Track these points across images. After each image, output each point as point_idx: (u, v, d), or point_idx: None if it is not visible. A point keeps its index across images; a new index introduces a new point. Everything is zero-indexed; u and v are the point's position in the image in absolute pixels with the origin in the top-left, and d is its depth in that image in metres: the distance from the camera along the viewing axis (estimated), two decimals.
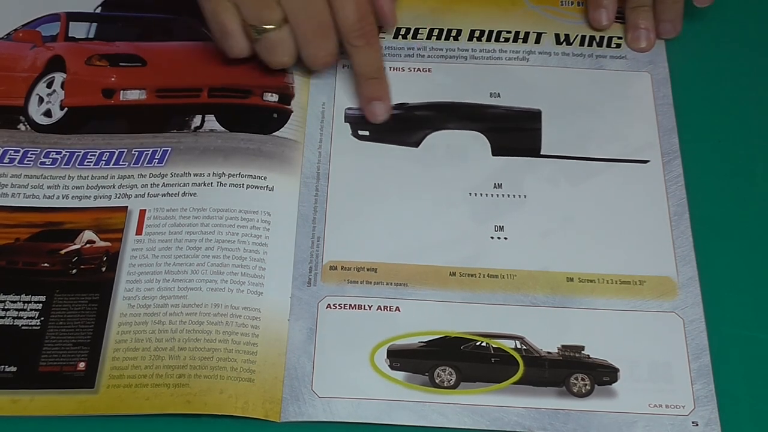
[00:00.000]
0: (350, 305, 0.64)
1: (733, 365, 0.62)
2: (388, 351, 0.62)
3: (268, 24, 0.67)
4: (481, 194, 0.68)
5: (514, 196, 0.68)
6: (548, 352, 0.62)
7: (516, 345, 0.62)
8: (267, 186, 0.68)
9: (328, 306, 0.64)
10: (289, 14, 0.67)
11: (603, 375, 0.61)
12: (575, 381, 0.61)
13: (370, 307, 0.64)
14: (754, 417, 0.60)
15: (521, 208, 0.68)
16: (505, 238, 0.66)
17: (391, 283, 0.64)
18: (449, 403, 0.60)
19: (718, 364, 0.61)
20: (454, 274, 0.65)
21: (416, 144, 0.71)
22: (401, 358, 0.62)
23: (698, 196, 0.68)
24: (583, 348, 0.62)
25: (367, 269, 0.65)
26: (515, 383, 0.61)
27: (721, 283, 0.65)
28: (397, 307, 0.63)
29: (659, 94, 0.74)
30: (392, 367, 0.61)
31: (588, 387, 0.61)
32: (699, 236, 0.66)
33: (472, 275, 0.65)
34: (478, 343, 0.62)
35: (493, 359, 0.62)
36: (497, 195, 0.68)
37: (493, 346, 0.62)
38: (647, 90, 0.74)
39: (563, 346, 0.62)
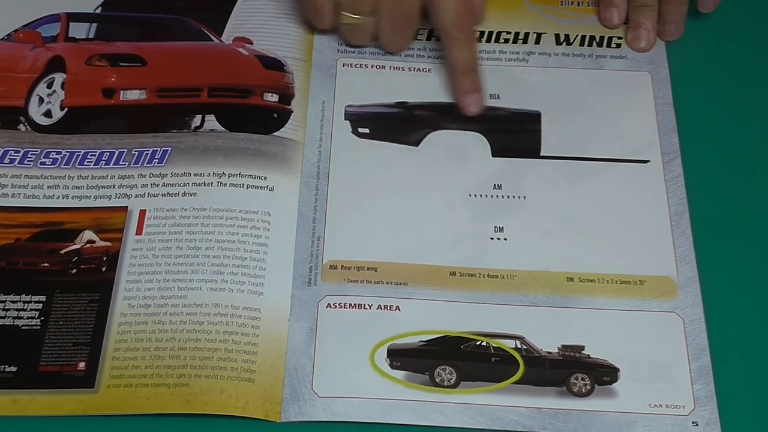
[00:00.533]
0: (350, 305, 0.64)
1: (733, 365, 0.62)
2: (389, 350, 0.62)
3: (360, 14, 0.71)
4: (480, 195, 0.68)
5: (513, 197, 0.68)
6: (548, 352, 0.62)
7: (516, 345, 0.62)
8: (267, 186, 0.68)
9: (329, 306, 0.64)
10: (381, 6, 0.70)
11: (603, 375, 0.61)
12: (575, 381, 0.61)
13: (370, 307, 0.64)
14: (754, 417, 0.60)
15: (521, 208, 0.68)
16: (505, 239, 0.66)
17: (392, 283, 0.64)
18: (449, 403, 0.60)
19: (718, 364, 0.61)
20: (454, 273, 0.65)
21: (416, 143, 0.71)
22: (401, 357, 0.61)
23: (698, 196, 0.68)
24: (583, 348, 0.62)
25: (368, 269, 0.65)
26: (515, 383, 0.61)
27: (721, 283, 0.65)
28: (398, 306, 0.63)
29: (659, 94, 0.74)
30: (392, 367, 0.61)
31: (588, 387, 0.61)
32: (699, 236, 0.66)
33: (472, 275, 0.65)
34: (478, 343, 0.62)
35: (493, 359, 0.61)
36: (497, 196, 0.68)
37: (493, 345, 0.62)
38: (647, 90, 0.74)
39: (563, 345, 0.62)
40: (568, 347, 0.62)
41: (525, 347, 0.62)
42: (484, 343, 0.62)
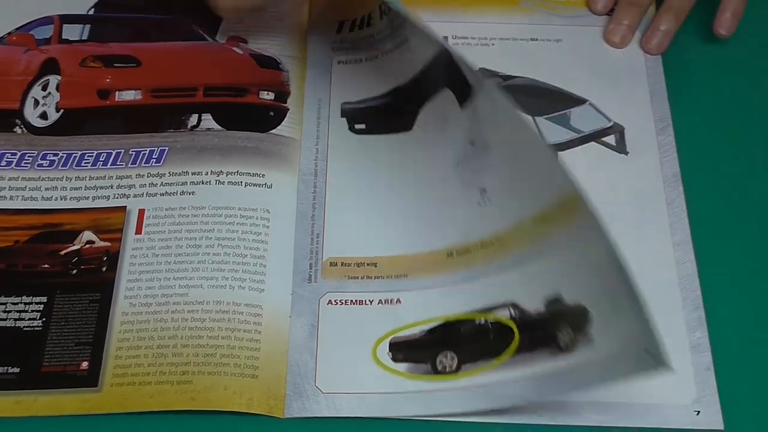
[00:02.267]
0: (351, 301, 0.64)
1: (733, 365, 0.61)
2: (390, 344, 0.62)
3: None
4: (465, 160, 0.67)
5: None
6: (539, 312, 0.59)
7: (510, 313, 0.60)
8: (265, 183, 0.68)
9: (329, 302, 0.64)
10: None
11: (579, 320, 0.57)
12: (562, 335, 0.58)
13: (371, 302, 0.63)
14: (755, 417, 0.60)
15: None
16: (489, 200, 0.65)
17: (392, 276, 0.64)
18: (451, 390, 0.59)
19: (719, 364, 0.61)
20: (451, 254, 0.64)
21: (409, 126, 0.70)
22: (403, 350, 0.61)
23: (697, 196, 0.68)
24: (560, 296, 0.58)
25: (367, 264, 0.65)
26: (512, 354, 0.59)
27: (721, 283, 0.64)
28: (398, 299, 0.63)
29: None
30: (395, 360, 0.61)
31: (572, 336, 0.57)
32: (699, 236, 0.66)
33: (467, 251, 0.63)
34: (477, 322, 0.61)
35: (491, 335, 0.61)
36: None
37: (491, 321, 0.61)
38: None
39: (547, 300, 0.58)
40: (551, 300, 0.58)
41: (518, 312, 0.60)
42: (482, 321, 0.61)
